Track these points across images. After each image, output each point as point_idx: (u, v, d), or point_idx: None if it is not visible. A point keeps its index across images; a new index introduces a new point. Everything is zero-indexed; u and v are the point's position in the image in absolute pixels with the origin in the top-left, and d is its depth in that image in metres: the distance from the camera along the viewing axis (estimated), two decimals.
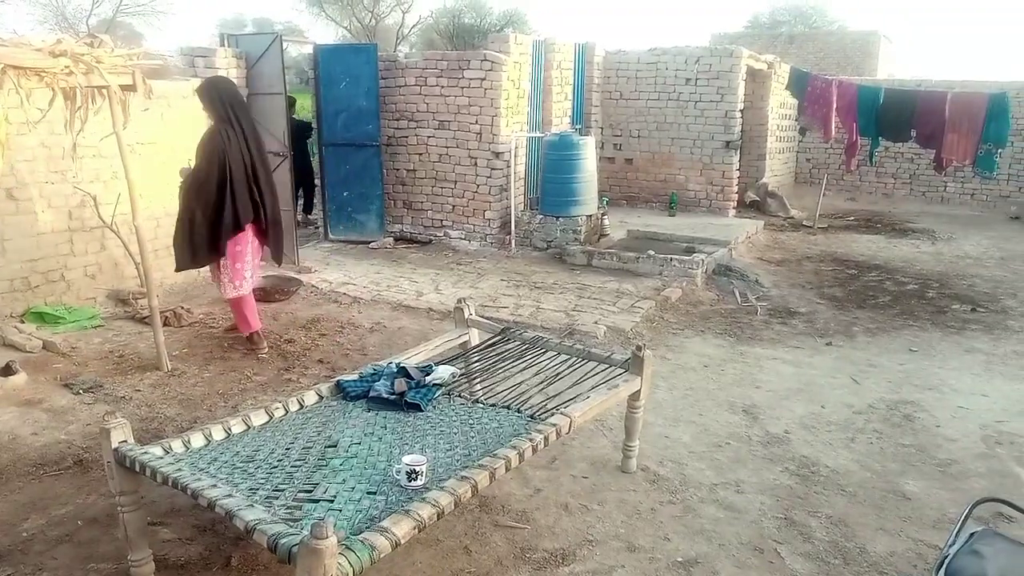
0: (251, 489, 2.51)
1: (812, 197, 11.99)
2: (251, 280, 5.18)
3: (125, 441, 2.67)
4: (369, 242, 8.82)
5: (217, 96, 4.90)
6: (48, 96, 4.36)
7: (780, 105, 12.39)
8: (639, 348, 3.59)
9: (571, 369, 3.73)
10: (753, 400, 4.77)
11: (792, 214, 11.46)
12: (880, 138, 10.44)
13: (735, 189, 10.75)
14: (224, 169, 4.80)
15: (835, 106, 10.19)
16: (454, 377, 3.69)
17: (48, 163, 5.79)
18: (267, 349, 5.23)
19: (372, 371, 3.64)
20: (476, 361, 4.02)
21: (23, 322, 5.56)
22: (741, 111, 10.51)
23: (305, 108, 13.56)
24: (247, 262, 5.07)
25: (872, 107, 10.06)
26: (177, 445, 2.80)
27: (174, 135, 6.67)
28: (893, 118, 10.00)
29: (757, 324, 6.37)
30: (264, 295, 6.43)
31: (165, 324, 5.23)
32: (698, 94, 10.46)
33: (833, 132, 10.42)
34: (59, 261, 5.95)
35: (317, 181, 9.18)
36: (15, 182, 5.53)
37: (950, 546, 2.21)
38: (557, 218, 8.32)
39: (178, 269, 5.13)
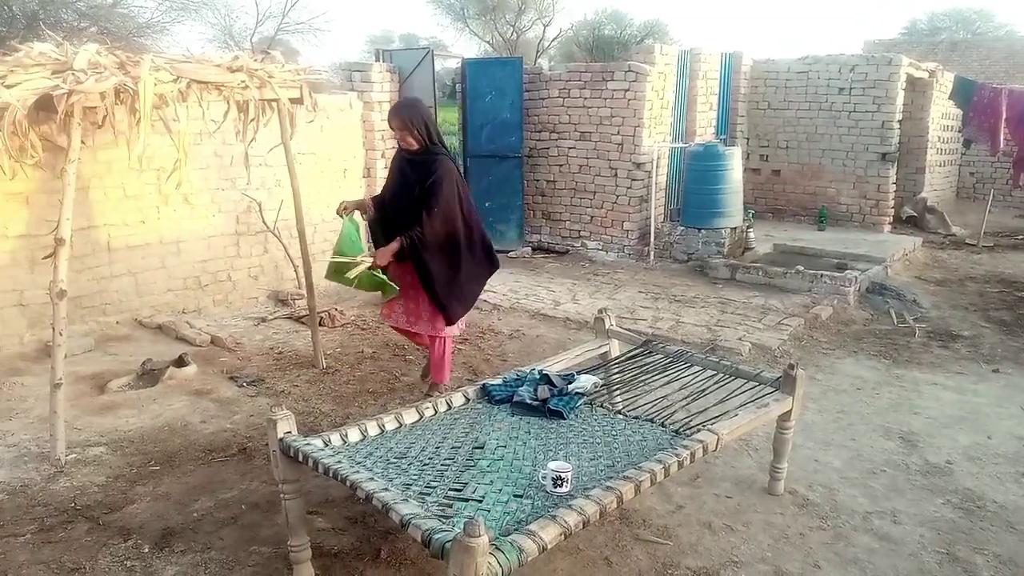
0: (405, 484, 2.60)
1: (976, 214, 11.19)
2: None
3: (290, 432, 2.82)
4: (508, 251, 8.95)
5: (424, 120, 4.18)
6: (222, 109, 4.72)
7: (942, 116, 11.65)
8: (791, 366, 3.46)
9: (717, 385, 3.64)
10: (911, 427, 4.50)
11: (953, 231, 10.73)
12: None
13: (891, 204, 10.18)
14: (465, 199, 4.27)
15: (1004, 117, 9.51)
16: (596, 387, 3.69)
17: (220, 171, 6.26)
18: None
19: (515, 376, 3.70)
20: (617, 372, 4.00)
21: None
22: (899, 122, 9.96)
23: (449, 121, 13.98)
24: None
25: None
26: (335, 439, 2.95)
27: (331, 146, 7.07)
28: None
29: (915, 347, 6.00)
30: None
31: (320, 324, 5.51)
32: (852, 104, 9.99)
33: (1002, 145, 9.72)
34: (226, 262, 6.41)
35: None
36: (190, 188, 6.00)
37: None
38: (699, 230, 8.16)
39: (453, 321, 4.37)
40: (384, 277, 4.17)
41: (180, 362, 4.93)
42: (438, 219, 4.10)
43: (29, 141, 3.89)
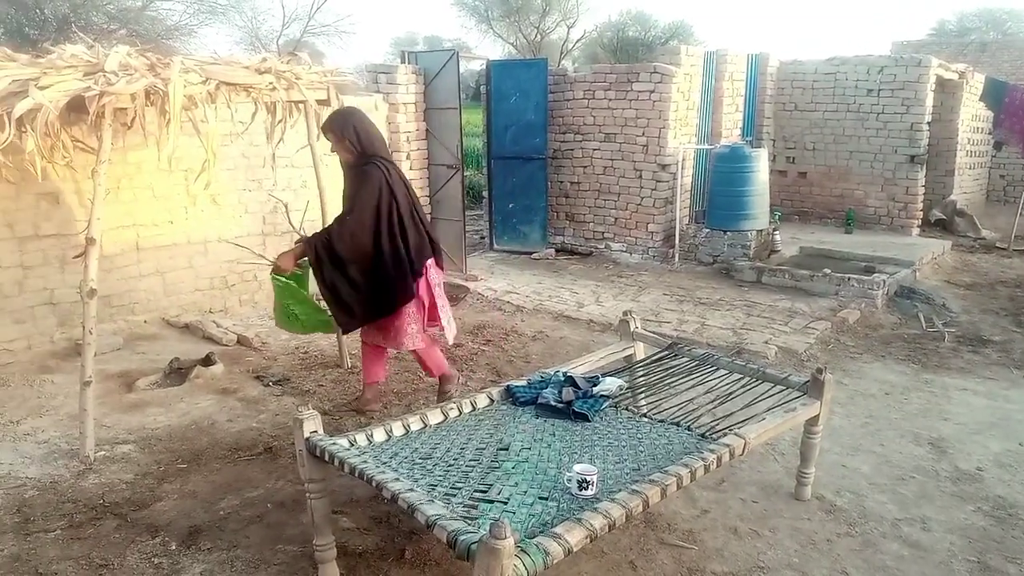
0: (430, 485, 2.60)
1: (1006, 217, 11.00)
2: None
3: (316, 431, 2.84)
4: (531, 252, 8.95)
5: (355, 129, 4.05)
6: (250, 110, 4.76)
7: (972, 117, 11.47)
8: (819, 370, 3.42)
9: (743, 389, 3.61)
10: (940, 432, 4.43)
11: (983, 235, 10.56)
12: None
13: (919, 207, 10.05)
14: (391, 211, 4.02)
15: None
16: (621, 390, 3.67)
17: (247, 172, 6.31)
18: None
19: (540, 378, 3.69)
20: (642, 375, 3.98)
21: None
22: (928, 124, 9.82)
23: (473, 123, 14.01)
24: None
25: None
26: (361, 438, 2.96)
27: None
28: None
29: (944, 351, 5.91)
30: None
31: None
32: (880, 105, 9.87)
33: None
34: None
35: (485, 193, 9.44)
36: (218, 189, 6.05)
37: None
38: (725, 232, 8.10)
39: (348, 330, 4.34)
40: (284, 278, 4.22)
41: (207, 361, 4.97)
42: (348, 227, 3.97)
43: (60, 142, 3.95)
